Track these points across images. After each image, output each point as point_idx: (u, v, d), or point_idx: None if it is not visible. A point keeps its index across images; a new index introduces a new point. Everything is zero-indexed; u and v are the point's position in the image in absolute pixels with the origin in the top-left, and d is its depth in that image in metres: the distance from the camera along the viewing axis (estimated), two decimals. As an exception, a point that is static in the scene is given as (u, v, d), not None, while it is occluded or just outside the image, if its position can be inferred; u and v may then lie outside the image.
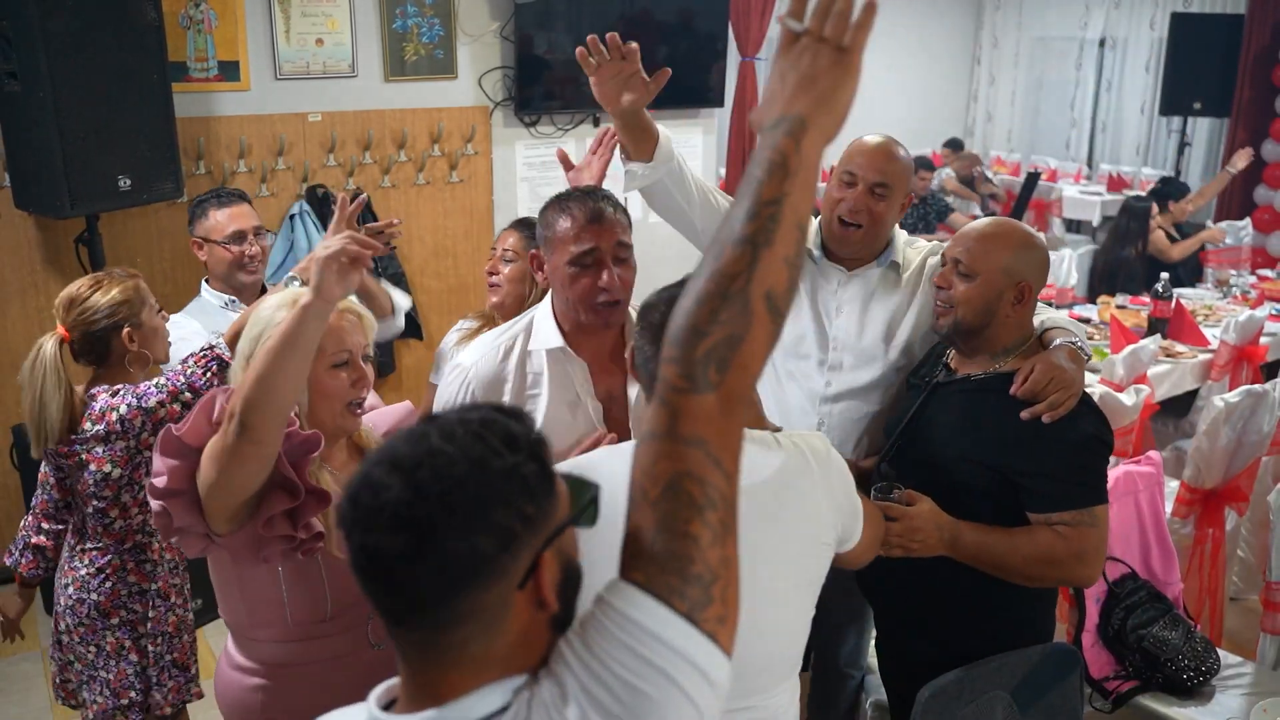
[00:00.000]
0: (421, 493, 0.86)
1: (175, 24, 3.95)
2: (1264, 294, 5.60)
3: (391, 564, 0.87)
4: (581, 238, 1.80)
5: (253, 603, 1.75)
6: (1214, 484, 3.37)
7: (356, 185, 4.51)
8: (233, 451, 1.55)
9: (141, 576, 2.34)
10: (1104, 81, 10.05)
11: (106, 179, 3.46)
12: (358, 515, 0.88)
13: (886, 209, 2.19)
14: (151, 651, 2.36)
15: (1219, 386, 4.49)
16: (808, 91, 1.01)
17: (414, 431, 0.91)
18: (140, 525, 2.32)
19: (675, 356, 0.94)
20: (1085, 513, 1.86)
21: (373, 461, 0.90)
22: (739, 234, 0.96)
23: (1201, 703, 2.53)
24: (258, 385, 1.53)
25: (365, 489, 0.88)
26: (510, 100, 4.79)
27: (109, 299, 2.25)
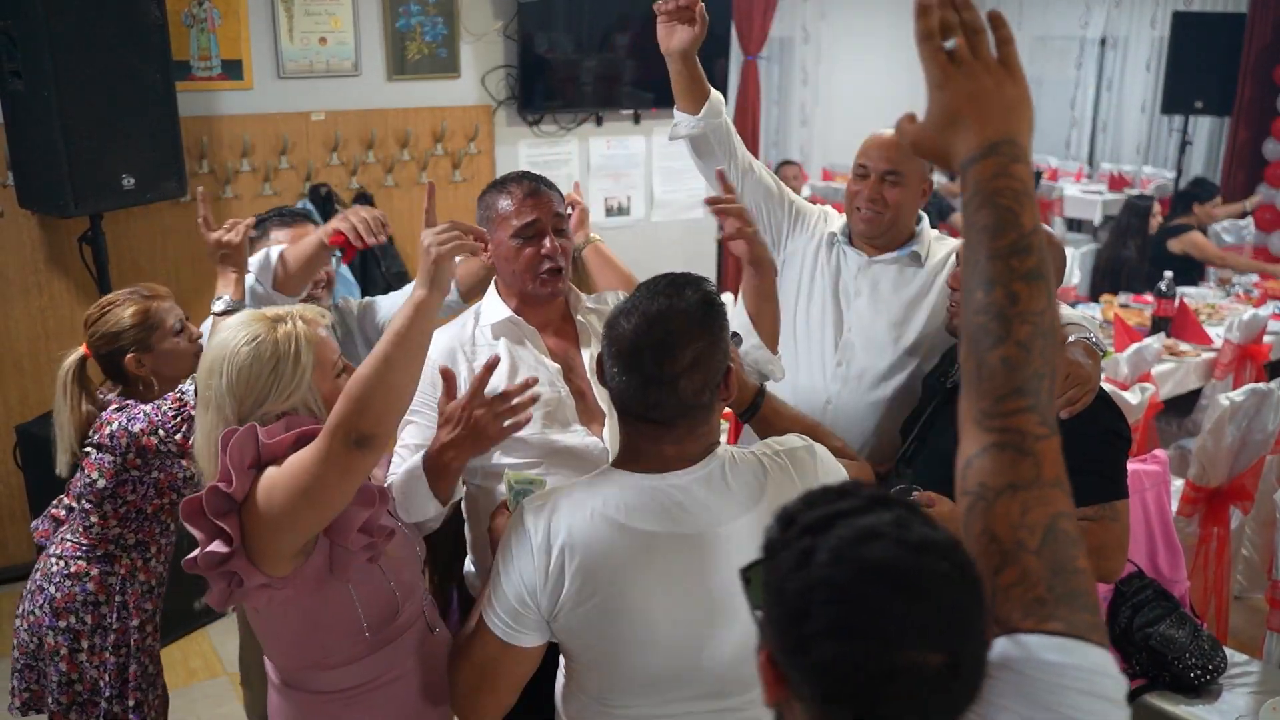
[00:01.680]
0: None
1: (179, 23, 3.94)
2: (1266, 292, 5.60)
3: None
4: (522, 211, 1.94)
5: (326, 631, 1.61)
6: (1219, 483, 3.37)
7: (361, 184, 4.51)
8: (345, 468, 1.44)
9: (100, 588, 2.28)
10: (1105, 80, 10.05)
11: (110, 178, 3.46)
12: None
13: (901, 195, 2.30)
14: (87, 668, 2.29)
15: (1222, 385, 4.49)
16: (1002, 111, 1.01)
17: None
18: (115, 538, 2.29)
19: (1032, 405, 0.97)
20: (1106, 507, 1.86)
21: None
22: (1024, 269, 0.97)
23: (1209, 701, 2.52)
24: (381, 394, 1.44)
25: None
26: (513, 99, 4.79)
27: (115, 324, 2.25)
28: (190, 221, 4.16)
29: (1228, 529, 3.43)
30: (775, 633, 0.87)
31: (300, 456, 1.47)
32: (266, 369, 1.56)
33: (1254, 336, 4.65)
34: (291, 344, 1.58)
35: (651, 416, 1.44)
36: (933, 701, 0.83)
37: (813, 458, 1.56)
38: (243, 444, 1.49)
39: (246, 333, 1.57)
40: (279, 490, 1.46)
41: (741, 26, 6.33)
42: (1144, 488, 2.82)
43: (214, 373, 1.58)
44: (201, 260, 4.21)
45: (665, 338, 1.40)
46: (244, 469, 1.49)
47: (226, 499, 1.49)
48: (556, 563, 1.44)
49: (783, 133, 9.10)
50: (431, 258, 1.53)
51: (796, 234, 2.50)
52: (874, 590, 0.82)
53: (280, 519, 1.46)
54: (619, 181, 5.08)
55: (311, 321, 1.62)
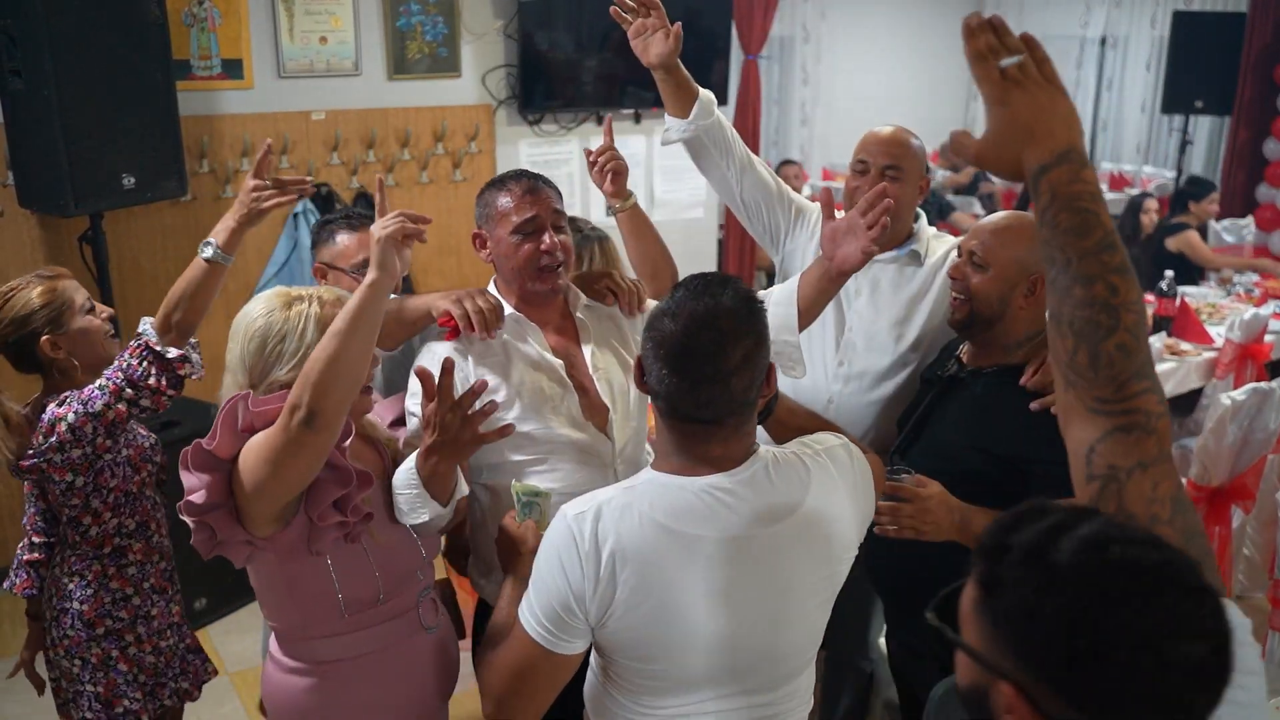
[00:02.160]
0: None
1: (179, 22, 3.94)
2: (1267, 292, 5.59)
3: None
4: (522, 208, 1.95)
5: (305, 600, 1.72)
6: (1220, 482, 3.37)
7: (361, 184, 4.51)
8: (298, 443, 1.53)
9: (124, 582, 2.25)
10: (1105, 80, 10.04)
11: (110, 177, 3.45)
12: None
13: (900, 191, 2.27)
14: (149, 658, 2.29)
15: (1223, 385, 4.48)
16: (1063, 124, 1.10)
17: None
18: (116, 529, 2.23)
19: (1148, 387, 1.05)
20: None
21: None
22: (1116, 264, 1.07)
23: (1211, 701, 2.52)
24: (328, 370, 1.52)
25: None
26: (514, 98, 4.78)
27: (24, 307, 2.15)
28: (190, 221, 4.17)
29: (1229, 528, 3.43)
30: (1033, 659, 0.85)
31: (267, 430, 1.58)
32: (273, 341, 1.68)
33: (1255, 336, 4.64)
34: (301, 321, 1.69)
35: (701, 416, 1.42)
36: (1204, 689, 0.84)
37: (850, 455, 1.57)
38: (234, 407, 1.62)
39: (264, 306, 1.71)
40: (250, 456, 1.58)
41: (742, 26, 6.32)
42: (1146, 487, 2.81)
43: (234, 339, 1.72)
44: (202, 260, 4.21)
45: (717, 336, 1.39)
46: (230, 429, 1.61)
47: (209, 455, 1.60)
48: (607, 569, 1.42)
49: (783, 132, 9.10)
50: (380, 244, 1.61)
51: (797, 232, 2.50)
52: (1142, 587, 0.83)
53: (251, 485, 1.58)
54: (619, 181, 5.07)
55: (329, 304, 1.72)
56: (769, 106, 8.43)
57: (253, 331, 1.70)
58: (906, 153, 2.30)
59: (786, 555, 1.46)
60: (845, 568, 1.57)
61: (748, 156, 2.44)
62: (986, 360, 2.02)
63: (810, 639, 1.57)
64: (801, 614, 1.51)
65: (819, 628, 1.57)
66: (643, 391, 1.51)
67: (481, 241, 2.02)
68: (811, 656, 1.59)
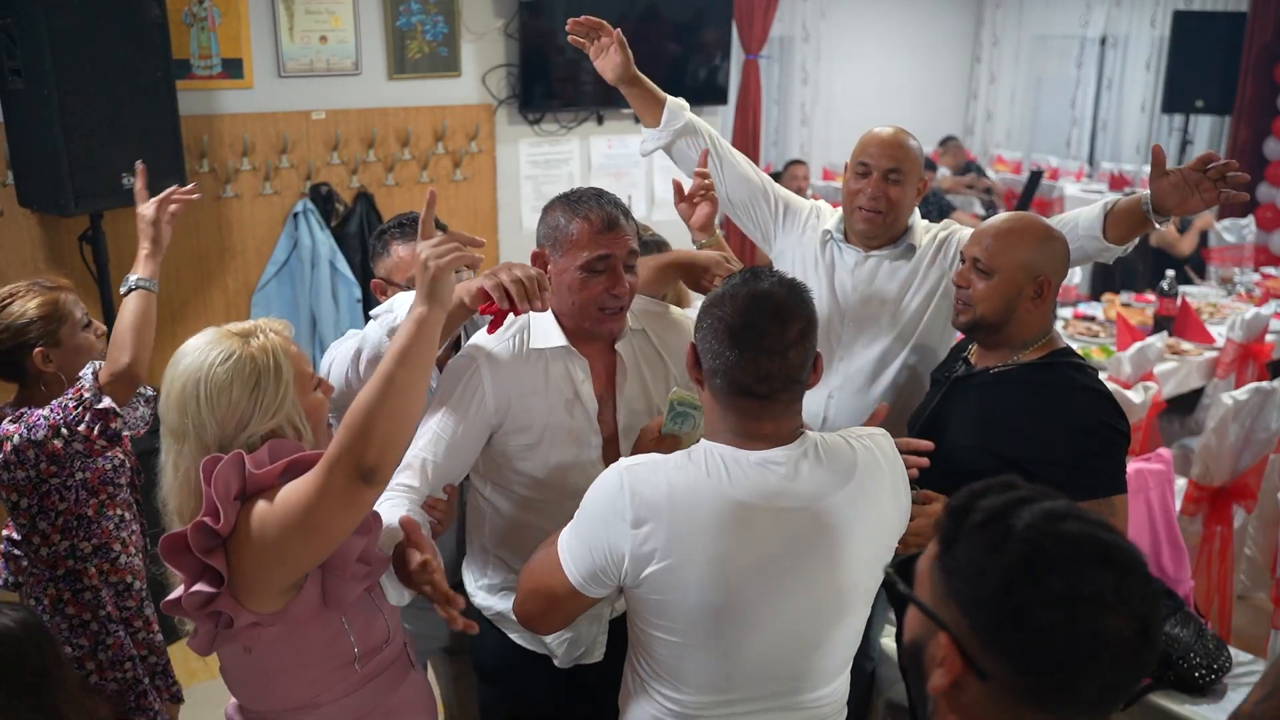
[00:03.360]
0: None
1: (179, 21, 3.93)
2: (1268, 291, 5.59)
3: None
4: (597, 243, 1.80)
5: (321, 666, 1.52)
6: (1222, 481, 3.37)
7: (361, 183, 4.50)
8: (350, 503, 1.34)
9: (80, 608, 2.17)
10: (1105, 80, 10.04)
11: (110, 177, 3.45)
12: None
13: (902, 193, 2.31)
14: (110, 686, 2.21)
15: (1224, 384, 4.48)
16: None
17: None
18: (69, 551, 2.16)
19: None
20: (1103, 503, 1.85)
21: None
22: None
23: (1214, 701, 2.51)
24: (387, 420, 1.33)
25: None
26: (514, 98, 4.78)
27: (20, 316, 2.09)
28: (191, 220, 4.16)
29: (1231, 528, 3.42)
30: (973, 612, 0.90)
31: (296, 490, 1.36)
32: (248, 387, 1.45)
33: (1256, 335, 4.64)
34: (269, 358, 1.47)
35: (759, 391, 1.47)
36: (1126, 665, 0.88)
37: (893, 450, 1.61)
38: (228, 474, 1.38)
39: (219, 351, 1.46)
40: (272, 525, 1.36)
41: (742, 26, 6.32)
42: (1148, 487, 2.81)
43: (187, 399, 1.44)
44: (201, 259, 4.21)
45: (777, 310, 1.47)
46: (230, 501, 1.38)
47: (213, 534, 1.38)
48: (653, 530, 1.44)
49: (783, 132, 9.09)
50: (430, 272, 1.42)
51: (787, 230, 2.50)
52: (1082, 558, 0.88)
53: (273, 555, 1.37)
54: (620, 180, 5.07)
55: (281, 333, 1.53)
56: (769, 106, 8.43)
57: (216, 384, 1.44)
58: (907, 155, 2.32)
59: (834, 533, 1.48)
60: (882, 567, 1.56)
61: (731, 156, 2.47)
62: (994, 359, 2.02)
63: (855, 630, 1.58)
64: (848, 600, 1.52)
65: (863, 621, 1.59)
66: (694, 380, 1.55)
67: (542, 262, 1.87)
68: (851, 655, 1.60)
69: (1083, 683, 0.87)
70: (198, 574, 1.38)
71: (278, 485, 1.40)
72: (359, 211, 4.46)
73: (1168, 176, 2.08)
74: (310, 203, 4.34)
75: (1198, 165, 2.04)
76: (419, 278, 1.43)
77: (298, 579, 1.43)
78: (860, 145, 2.37)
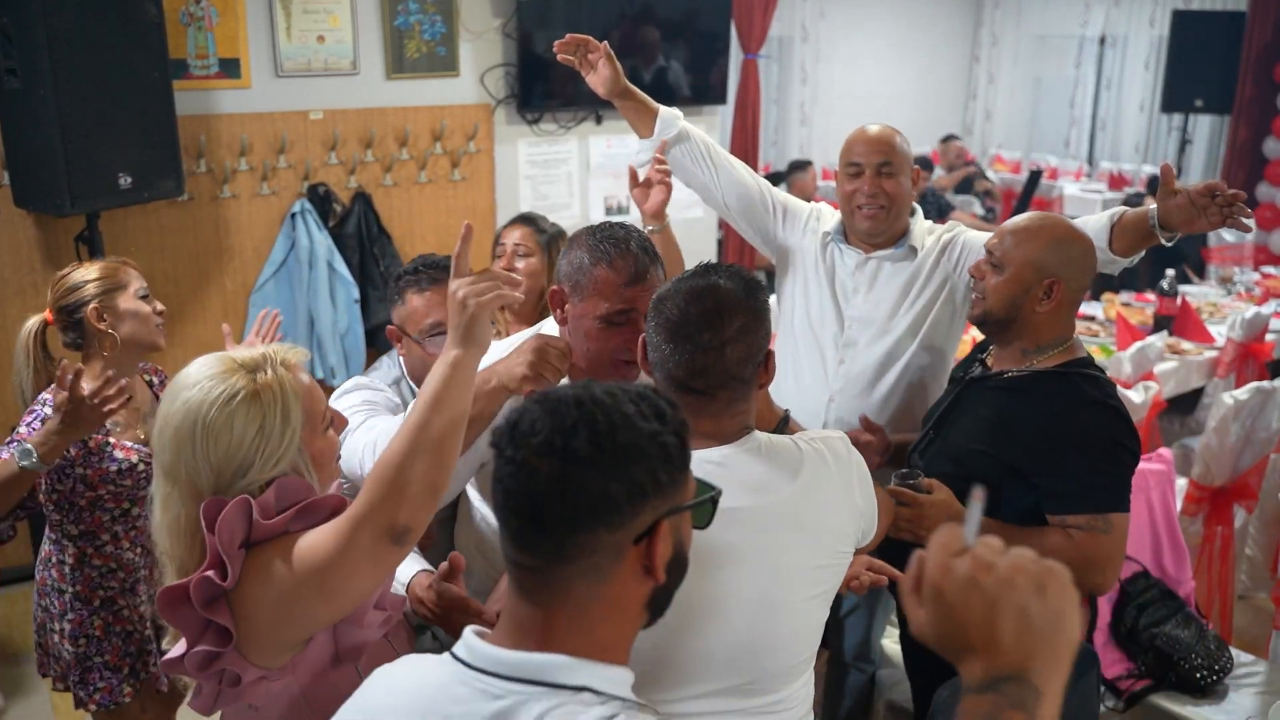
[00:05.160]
0: (574, 431, 0.96)
1: (176, 21, 3.92)
2: (1268, 291, 5.59)
3: (534, 487, 0.96)
4: (620, 296, 1.71)
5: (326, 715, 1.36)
6: (1223, 481, 3.36)
7: (359, 184, 4.49)
8: (377, 562, 1.23)
9: (105, 559, 2.31)
10: (1104, 79, 10.05)
11: (107, 177, 3.44)
12: (514, 438, 0.98)
13: (897, 185, 2.32)
14: (134, 621, 2.33)
15: (1225, 384, 4.48)
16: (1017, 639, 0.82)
17: (580, 385, 1.02)
18: (57, 524, 2.29)
19: None
20: (1099, 518, 1.83)
21: (537, 400, 0.99)
22: None
23: (1215, 702, 2.51)
24: (425, 472, 1.21)
25: (524, 419, 0.98)
26: (513, 98, 4.77)
27: (83, 276, 2.25)
28: (188, 220, 4.15)
29: (1232, 528, 3.41)
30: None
31: (314, 545, 1.23)
32: (250, 432, 1.29)
33: (1256, 335, 4.64)
34: (277, 400, 1.31)
35: (695, 386, 1.45)
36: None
37: (848, 450, 1.57)
38: (233, 522, 1.25)
39: (221, 388, 1.30)
40: (285, 580, 1.23)
41: (742, 25, 6.31)
42: (1149, 487, 2.80)
43: (182, 439, 1.29)
44: (199, 260, 4.20)
45: (714, 306, 1.45)
46: (236, 551, 1.25)
47: (217, 587, 1.25)
48: None
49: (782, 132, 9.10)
50: (469, 311, 1.29)
51: (787, 233, 2.50)
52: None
53: (285, 611, 1.24)
54: (619, 180, 5.06)
55: (293, 366, 1.37)
56: (768, 106, 8.42)
57: (215, 427, 1.28)
58: (894, 148, 2.33)
59: (774, 533, 1.45)
60: (841, 563, 1.54)
61: (726, 162, 2.48)
62: (1009, 363, 2.01)
63: (804, 635, 1.52)
64: (790, 601, 1.47)
65: (814, 625, 1.53)
66: (645, 371, 1.53)
67: (559, 301, 1.77)
68: (808, 659, 1.55)
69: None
70: (201, 630, 1.26)
71: (288, 531, 1.28)
72: (357, 211, 4.45)
73: (1175, 197, 2.09)
74: (308, 203, 4.33)
75: (1205, 192, 2.06)
76: (454, 316, 1.31)
77: (310, 635, 1.31)
78: (847, 146, 2.38)
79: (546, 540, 0.98)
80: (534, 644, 0.99)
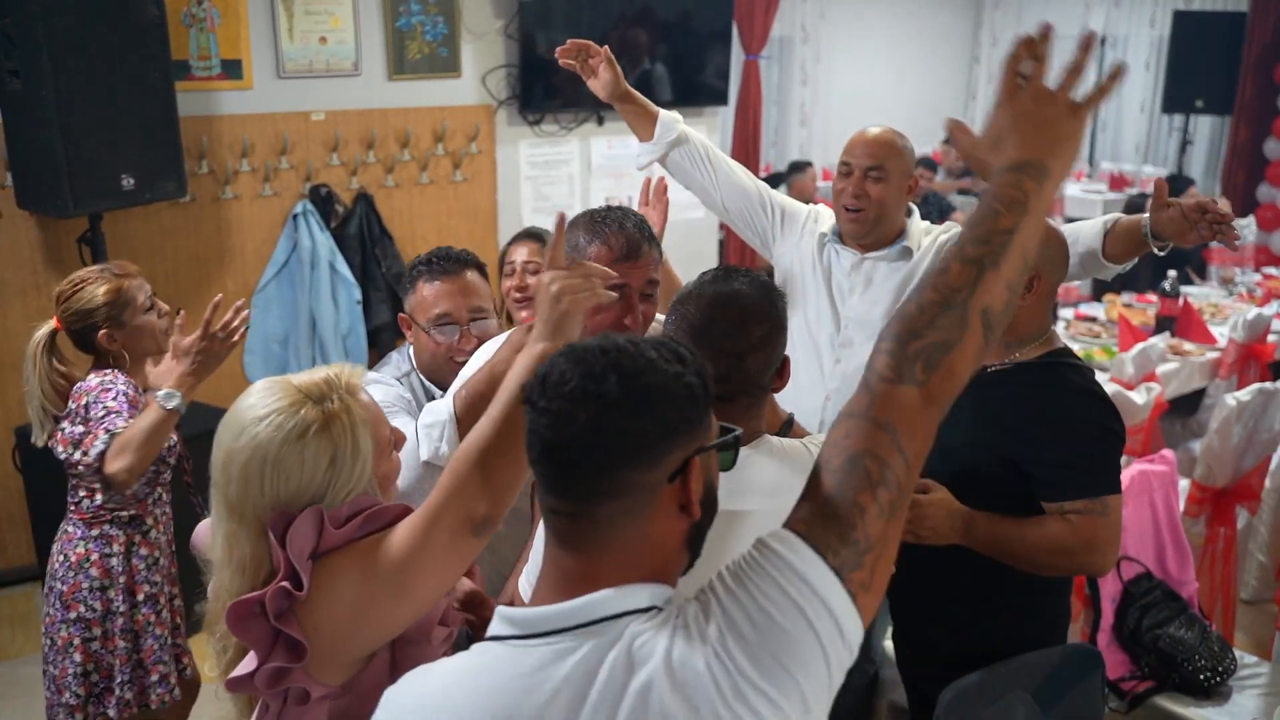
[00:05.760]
0: (604, 376, 0.99)
1: (178, 22, 3.92)
2: (1269, 292, 5.59)
3: (570, 433, 0.98)
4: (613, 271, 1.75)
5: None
6: (1225, 482, 3.36)
7: (361, 185, 4.49)
8: (457, 555, 1.22)
9: (104, 572, 2.32)
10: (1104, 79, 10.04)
11: (109, 178, 3.44)
12: (546, 390, 1.00)
13: (884, 191, 2.31)
14: (103, 655, 2.32)
15: (1226, 385, 4.47)
16: (1046, 140, 1.12)
17: (601, 336, 1.05)
18: (107, 513, 2.33)
19: (889, 350, 1.06)
20: (1096, 501, 1.85)
21: (563, 354, 1.02)
22: (968, 254, 1.08)
23: (1219, 703, 2.51)
24: (503, 464, 1.22)
25: (554, 371, 1.01)
26: (514, 99, 4.77)
27: (88, 301, 2.31)
28: (190, 222, 4.15)
29: (1234, 529, 3.41)
30: None
31: (391, 544, 1.22)
32: (323, 465, 1.27)
33: (1258, 336, 4.63)
34: (347, 430, 1.28)
35: (715, 391, 1.44)
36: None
37: None
38: (305, 533, 1.23)
39: (291, 423, 1.26)
40: (356, 584, 1.21)
41: (743, 26, 6.32)
42: (1152, 488, 2.80)
43: (250, 475, 1.26)
44: (201, 261, 4.19)
45: (738, 313, 1.47)
46: (306, 562, 1.22)
47: (293, 598, 1.22)
48: None
49: (782, 132, 9.09)
50: (561, 307, 1.30)
51: (786, 234, 2.51)
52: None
53: (357, 617, 1.22)
54: (620, 181, 5.06)
55: (356, 390, 1.34)
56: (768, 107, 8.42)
57: (287, 465, 1.26)
58: (890, 152, 2.32)
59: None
60: None
61: (725, 165, 2.50)
62: (992, 357, 2.01)
63: None
64: None
65: None
66: None
67: None
68: None
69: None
70: (271, 645, 1.23)
71: (355, 540, 1.26)
72: (358, 213, 4.45)
73: (1168, 209, 2.12)
74: (310, 204, 4.33)
75: (1196, 208, 2.09)
76: (545, 308, 1.31)
77: (381, 644, 1.28)
78: (846, 145, 2.39)
79: (586, 483, 1.00)
80: (581, 591, 1.00)
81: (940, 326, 1.05)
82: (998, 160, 1.13)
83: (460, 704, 0.99)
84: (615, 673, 0.96)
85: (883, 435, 1.02)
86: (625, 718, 0.94)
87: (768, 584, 0.96)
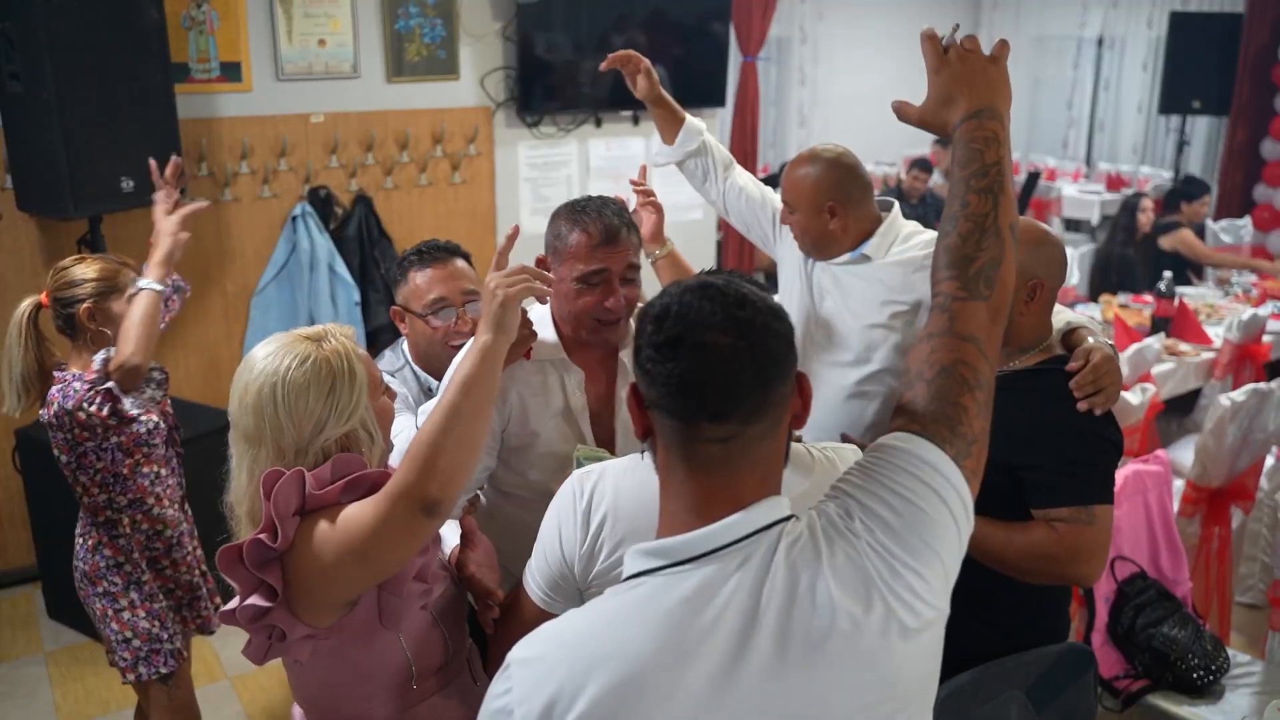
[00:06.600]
0: (741, 305, 1.08)
1: (177, 25, 3.93)
2: (1265, 292, 5.60)
3: (721, 361, 1.06)
4: (593, 257, 1.82)
5: (374, 683, 1.51)
6: (1220, 483, 3.37)
7: (360, 186, 4.50)
8: (411, 533, 1.35)
9: (116, 550, 2.44)
10: (1102, 80, 10.06)
11: (109, 180, 3.45)
12: (692, 321, 1.07)
13: (799, 221, 2.31)
14: (142, 623, 2.45)
15: (1222, 385, 4.49)
16: (985, 87, 1.30)
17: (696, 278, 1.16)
18: (106, 503, 2.42)
19: (952, 275, 1.22)
20: (1083, 510, 1.84)
21: (674, 296, 1.10)
22: (978, 186, 1.25)
23: (1212, 702, 2.52)
24: (453, 452, 1.34)
25: (688, 310, 1.08)
26: (513, 101, 4.78)
27: (82, 274, 2.36)
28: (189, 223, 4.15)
29: (1229, 529, 3.43)
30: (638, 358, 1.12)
31: (356, 516, 1.36)
32: (324, 390, 1.44)
33: (1253, 336, 4.65)
34: (343, 361, 1.46)
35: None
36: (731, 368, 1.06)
37: (856, 456, 1.57)
38: (288, 491, 1.37)
39: (294, 355, 1.45)
40: (330, 548, 1.36)
41: (740, 27, 6.33)
42: (1146, 488, 2.82)
43: (264, 401, 1.43)
44: (201, 262, 4.21)
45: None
46: (289, 518, 1.38)
47: (269, 550, 1.37)
48: (596, 529, 1.44)
49: (780, 133, 9.11)
50: (499, 300, 1.45)
51: (783, 238, 2.53)
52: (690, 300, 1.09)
53: (329, 576, 1.37)
54: (619, 183, 5.07)
55: (350, 337, 1.53)
56: (767, 108, 8.44)
57: (294, 388, 1.43)
58: (791, 187, 2.31)
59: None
60: None
61: (739, 176, 2.59)
62: None
63: None
64: None
65: None
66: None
67: (544, 269, 1.86)
68: None
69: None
70: (253, 587, 1.38)
71: (339, 502, 1.41)
72: (358, 214, 4.47)
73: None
74: (309, 206, 4.34)
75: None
76: (486, 305, 1.46)
77: (353, 598, 1.43)
78: None
79: (743, 405, 1.06)
80: (729, 511, 1.06)
81: (986, 247, 1.22)
82: (954, 115, 1.31)
83: (625, 640, 1.02)
84: (780, 579, 1.03)
85: (968, 345, 1.18)
86: (800, 619, 1.01)
87: (901, 475, 1.08)
